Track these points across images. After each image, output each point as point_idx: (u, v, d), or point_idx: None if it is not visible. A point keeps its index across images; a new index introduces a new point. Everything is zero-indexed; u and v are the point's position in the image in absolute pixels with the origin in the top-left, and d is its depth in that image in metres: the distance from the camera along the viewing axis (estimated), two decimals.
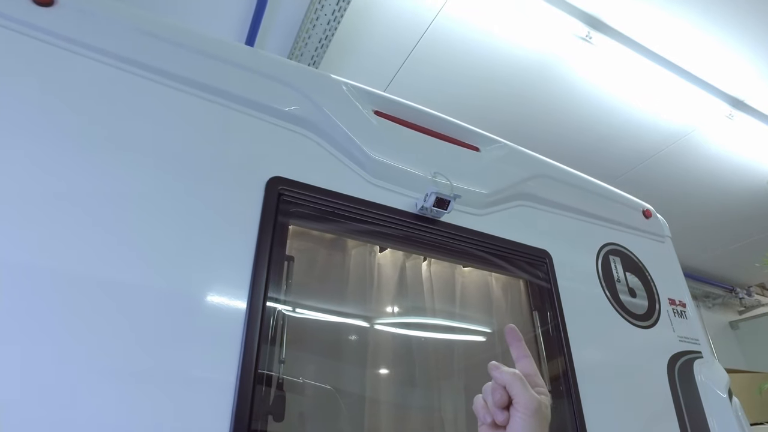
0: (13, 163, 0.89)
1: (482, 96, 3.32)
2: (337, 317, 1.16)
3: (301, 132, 1.20)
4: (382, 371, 1.19)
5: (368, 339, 1.18)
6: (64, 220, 0.88)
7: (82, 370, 0.79)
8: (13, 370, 0.74)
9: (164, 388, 0.83)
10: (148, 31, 1.11)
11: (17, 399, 0.73)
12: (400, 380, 1.20)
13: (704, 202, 4.44)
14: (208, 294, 0.94)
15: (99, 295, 0.85)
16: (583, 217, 1.65)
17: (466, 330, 1.38)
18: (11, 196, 0.86)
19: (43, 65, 1.01)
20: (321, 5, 2.70)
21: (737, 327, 6.50)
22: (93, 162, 0.96)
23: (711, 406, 1.46)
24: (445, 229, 1.30)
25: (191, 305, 0.91)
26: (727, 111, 3.40)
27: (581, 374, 1.32)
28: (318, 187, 1.15)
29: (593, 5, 2.75)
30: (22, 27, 1.02)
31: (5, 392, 0.73)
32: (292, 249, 1.11)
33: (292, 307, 1.06)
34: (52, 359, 0.78)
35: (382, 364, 1.19)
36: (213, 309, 0.93)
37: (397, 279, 1.27)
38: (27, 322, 0.78)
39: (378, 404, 1.12)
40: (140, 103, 1.05)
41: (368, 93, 1.37)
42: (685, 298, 1.72)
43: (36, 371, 0.76)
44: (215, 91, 1.12)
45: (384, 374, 1.19)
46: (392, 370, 1.20)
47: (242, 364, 0.88)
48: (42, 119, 0.96)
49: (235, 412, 0.85)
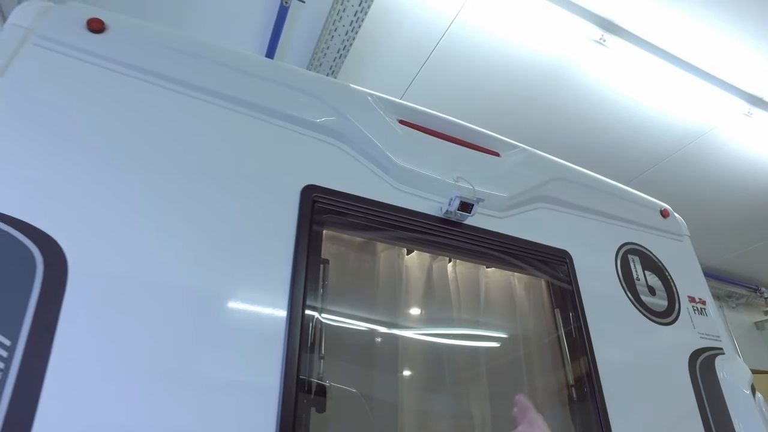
0: (81, 172, 0.98)
1: (498, 101, 3.37)
2: (369, 315, 1.23)
3: (332, 142, 1.28)
4: (412, 368, 1.26)
5: (398, 337, 1.24)
6: (124, 231, 0.97)
7: (144, 373, 0.87)
8: (91, 369, 0.83)
9: (212, 390, 0.91)
10: (192, 53, 1.20)
11: (84, 399, 0.81)
12: (427, 376, 1.26)
13: (725, 200, 4.40)
14: (252, 298, 1.01)
15: (158, 302, 0.93)
16: (602, 217, 1.69)
17: (491, 328, 1.44)
18: (75, 203, 0.95)
19: (94, 86, 1.11)
20: (339, 17, 2.78)
21: (763, 327, 6.39)
22: (146, 175, 1.04)
23: (734, 402, 1.48)
24: (468, 231, 1.36)
25: (237, 308, 0.99)
26: (745, 109, 3.39)
27: (604, 371, 1.36)
28: (348, 194, 1.23)
29: (607, 8, 2.78)
30: (78, 53, 1.12)
31: (76, 389, 0.81)
32: (326, 253, 1.18)
33: (329, 307, 1.13)
34: (116, 362, 0.86)
35: (411, 362, 1.25)
36: (257, 311, 1.00)
37: (425, 280, 1.34)
38: (97, 323, 0.87)
39: (409, 394, 1.19)
40: (186, 121, 1.14)
41: (392, 103, 1.44)
42: (705, 296, 1.74)
43: (102, 374, 0.84)
44: (254, 106, 1.21)
45: (413, 371, 1.26)
46: (421, 367, 1.27)
47: (286, 358, 0.96)
48: (94, 136, 1.05)
49: (282, 401, 0.92)
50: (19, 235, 0.88)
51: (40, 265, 0.87)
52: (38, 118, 1.01)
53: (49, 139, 0.99)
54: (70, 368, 0.82)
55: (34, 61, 1.06)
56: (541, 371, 1.39)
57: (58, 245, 0.90)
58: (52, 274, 0.87)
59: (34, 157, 0.96)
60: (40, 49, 1.08)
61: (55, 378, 0.80)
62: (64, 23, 1.13)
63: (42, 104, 1.02)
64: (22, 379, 0.78)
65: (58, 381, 0.80)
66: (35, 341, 0.81)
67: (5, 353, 0.78)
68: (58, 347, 0.82)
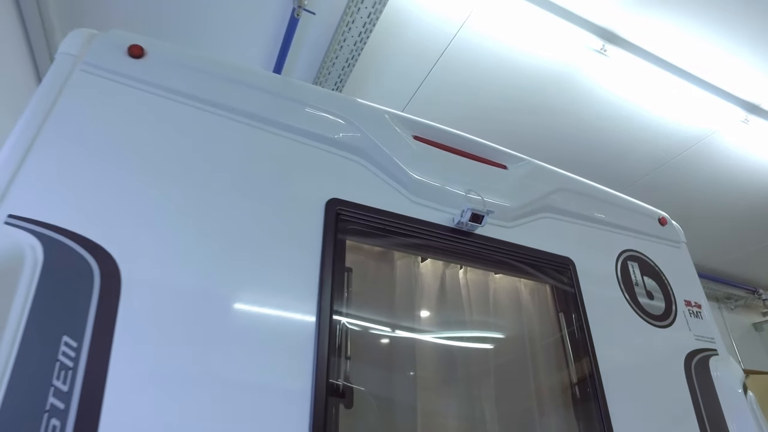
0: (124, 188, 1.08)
1: (503, 106, 3.46)
2: (388, 319, 1.33)
3: (353, 158, 1.38)
4: (426, 366, 1.35)
5: (414, 338, 1.34)
6: (168, 244, 1.06)
7: (188, 374, 0.97)
8: (144, 369, 0.93)
9: (250, 392, 1.00)
10: (227, 77, 1.30)
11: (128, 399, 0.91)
12: (440, 373, 1.36)
13: (723, 203, 4.49)
14: (284, 304, 1.11)
15: (202, 309, 1.03)
16: (603, 226, 1.79)
17: (500, 330, 1.54)
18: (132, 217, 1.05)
19: (137, 110, 1.20)
20: (348, 28, 2.87)
21: (761, 329, 6.46)
22: (187, 191, 1.14)
23: (727, 400, 1.58)
24: (478, 240, 1.46)
25: (270, 314, 1.09)
26: (742, 116, 3.49)
27: (605, 370, 1.46)
28: (368, 206, 1.33)
29: (607, 20, 2.87)
30: (120, 78, 1.22)
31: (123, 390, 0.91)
32: (348, 262, 1.28)
33: (353, 312, 1.23)
34: (165, 364, 0.95)
35: (426, 361, 1.35)
36: (289, 317, 1.10)
37: (438, 286, 1.44)
38: (148, 328, 0.97)
39: (424, 389, 1.29)
40: (221, 139, 1.24)
41: (407, 120, 1.54)
42: (700, 300, 1.84)
43: (152, 374, 0.94)
44: (283, 126, 1.31)
45: (428, 369, 1.35)
46: (435, 365, 1.36)
47: (316, 357, 1.06)
48: (139, 156, 1.14)
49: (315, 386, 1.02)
50: (78, 248, 0.98)
51: (97, 276, 0.97)
52: (89, 140, 1.10)
53: (100, 159, 1.09)
54: (127, 366, 0.92)
55: (82, 86, 1.16)
56: (546, 370, 1.49)
57: (112, 257, 1.00)
58: (108, 283, 0.97)
59: (88, 176, 1.06)
60: (87, 75, 1.18)
61: (116, 373, 0.90)
62: (108, 50, 1.23)
63: (92, 127, 1.12)
64: (89, 374, 0.87)
65: (119, 377, 0.90)
66: (97, 343, 0.91)
67: (73, 353, 0.88)
68: (117, 347, 0.92)
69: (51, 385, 0.84)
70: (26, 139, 1.04)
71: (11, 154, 1.01)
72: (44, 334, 0.87)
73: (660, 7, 2.76)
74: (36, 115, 1.08)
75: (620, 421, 1.40)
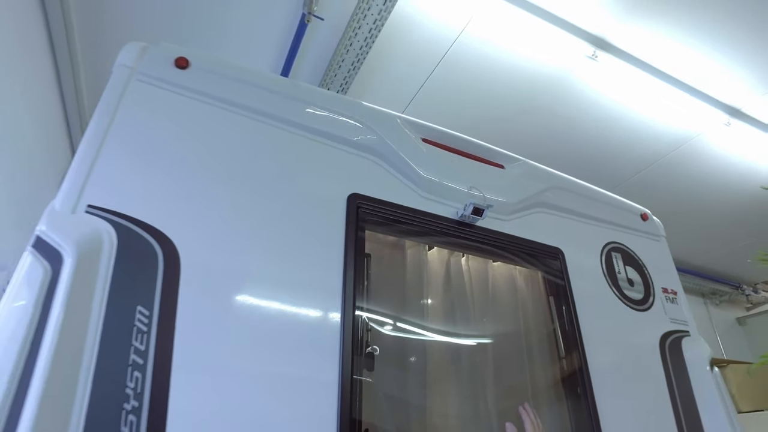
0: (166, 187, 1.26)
1: (499, 108, 3.64)
2: (399, 299, 1.52)
3: (371, 158, 1.57)
4: (434, 344, 1.55)
5: (424, 316, 1.54)
6: (218, 234, 1.24)
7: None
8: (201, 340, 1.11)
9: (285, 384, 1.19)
10: (266, 87, 1.48)
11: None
12: (446, 349, 1.55)
13: (709, 202, 4.67)
14: (314, 285, 1.30)
15: (247, 298, 1.21)
16: (590, 220, 1.99)
17: (497, 311, 1.73)
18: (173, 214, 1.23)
19: (186, 115, 1.38)
20: (354, 33, 3.01)
21: (745, 323, 6.64)
22: (231, 188, 1.32)
23: (695, 375, 1.80)
24: (479, 231, 1.65)
25: (303, 290, 1.27)
26: (725, 119, 3.68)
27: (589, 349, 1.66)
28: (384, 201, 1.51)
29: (598, 27, 3.05)
30: (169, 86, 1.39)
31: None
32: (366, 249, 1.47)
33: (372, 290, 1.42)
34: (217, 326, 1.14)
35: (434, 339, 1.55)
36: (317, 293, 1.29)
37: (444, 272, 1.63)
38: (202, 305, 1.15)
39: (433, 364, 1.49)
40: (257, 141, 1.42)
41: (417, 124, 1.72)
42: (676, 287, 2.05)
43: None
44: (311, 129, 1.50)
45: (435, 346, 1.55)
46: (441, 343, 1.56)
47: (342, 333, 1.24)
48: (190, 156, 1.32)
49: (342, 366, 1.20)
50: (145, 234, 1.16)
51: (161, 257, 1.15)
52: (147, 141, 1.28)
53: (158, 157, 1.27)
54: (190, 331, 1.10)
55: (139, 94, 1.33)
56: (538, 347, 1.69)
57: (173, 243, 1.18)
58: (170, 263, 1.15)
59: (149, 172, 1.24)
60: (142, 84, 1.35)
61: (181, 336, 1.08)
62: (158, 61, 1.40)
63: (149, 130, 1.30)
64: (160, 337, 1.06)
65: (183, 338, 1.08)
66: (164, 312, 1.09)
67: (146, 320, 1.06)
68: (180, 316, 1.10)
69: (131, 345, 1.02)
70: (96, 142, 1.21)
71: (85, 155, 1.19)
72: (123, 304, 1.05)
73: (648, 16, 2.94)
74: (102, 119, 1.25)
75: (601, 389, 1.60)
